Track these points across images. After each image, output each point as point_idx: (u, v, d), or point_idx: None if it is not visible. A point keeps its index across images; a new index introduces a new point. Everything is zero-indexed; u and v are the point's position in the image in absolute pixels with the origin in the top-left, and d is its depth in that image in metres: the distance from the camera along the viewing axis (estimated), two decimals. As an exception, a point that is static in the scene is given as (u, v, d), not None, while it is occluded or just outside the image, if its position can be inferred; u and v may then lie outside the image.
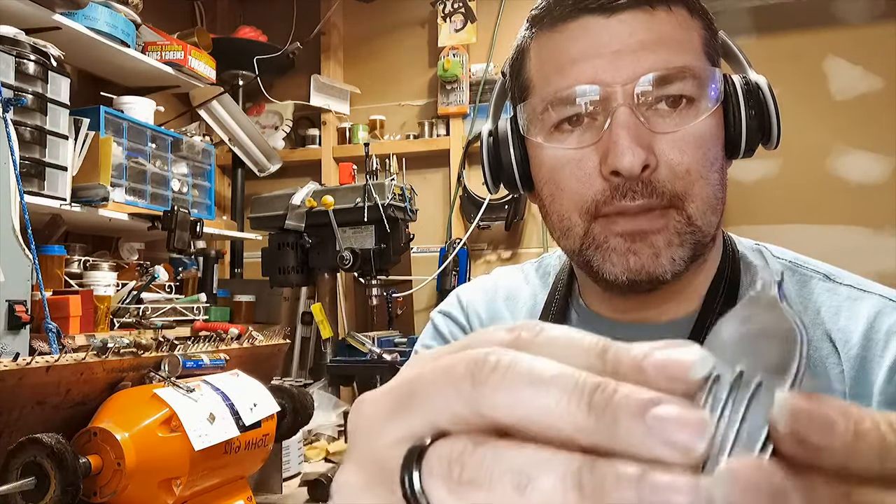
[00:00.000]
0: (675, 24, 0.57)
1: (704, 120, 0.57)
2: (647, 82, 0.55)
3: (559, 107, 0.58)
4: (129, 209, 1.88)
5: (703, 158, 0.57)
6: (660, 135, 0.56)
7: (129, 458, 1.02)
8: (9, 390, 0.97)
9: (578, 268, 0.66)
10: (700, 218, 0.57)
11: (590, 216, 0.58)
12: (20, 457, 0.95)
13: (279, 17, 2.77)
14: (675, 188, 0.56)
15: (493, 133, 0.67)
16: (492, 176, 0.68)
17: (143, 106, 2.04)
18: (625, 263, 0.57)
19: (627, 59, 0.56)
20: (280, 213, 2.16)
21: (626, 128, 0.54)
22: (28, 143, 1.55)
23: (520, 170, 0.65)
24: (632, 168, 0.54)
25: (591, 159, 0.57)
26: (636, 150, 0.54)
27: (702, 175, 0.57)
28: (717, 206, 0.59)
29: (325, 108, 2.66)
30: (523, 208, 2.41)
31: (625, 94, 0.55)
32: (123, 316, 1.79)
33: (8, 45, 1.53)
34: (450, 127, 2.57)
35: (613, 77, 0.55)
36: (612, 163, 0.54)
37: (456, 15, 2.55)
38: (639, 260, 0.56)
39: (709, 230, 0.58)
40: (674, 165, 0.56)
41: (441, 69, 2.52)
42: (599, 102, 0.56)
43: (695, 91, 0.56)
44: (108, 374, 1.14)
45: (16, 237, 1.39)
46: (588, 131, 0.57)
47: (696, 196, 0.57)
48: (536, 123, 0.61)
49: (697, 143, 0.56)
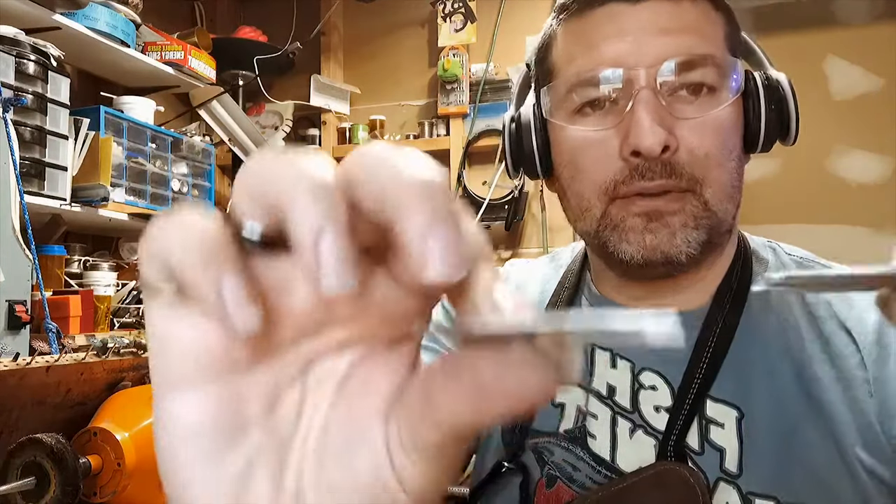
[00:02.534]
0: (700, 14, 0.58)
1: (724, 109, 0.57)
2: (669, 68, 0.56)
3: (582, 89, 0.59)
4: (129, 209, 1.88)
5: (723, 146, 0.57)
6: (681, 120, 0.56)
7: (129, 458, 1.02)
8: (9, 390, 0.97)
9: (593, 252, 0.67)
10: (716, 204, 0.57)
11: (608, 197, 0.58)
12: (20, 457, 0.95)
13: (279, 17, 2.77)
14: (694, 172, 0.56)
15: (515, 119, 0.68)
16: (513, 161, 0.68)
17: (143, 106, 2.04)
18: (641, 241, 0.57)
19: (651, 43, 0.56)
20: (280, 213, 2.16)
21: (647, 109, 0.55)
22: (28, 143, 1.55)
23: (541, 153, 0.65)
24: (652, 147, 0.54)
25: (613, 141, 0.58)
26: (657, 129, 0.54)
27: (720, 162, 0.57)
28: (734, 195, 0.59)
29: (325, 108, 2.66)
30: (523, 208, 2.41)
31: (648, 77, 0.56)
32: (123, 316, 1.79)
33: (8, 45, 1.53)
34: (450, 127, 2.57)
35: (637, 60, 0.56)
36: (632, 142, 0.55)
37: (456, 15, 2.55)
38: (654, 239, 0.57)
39: (725, 217, 0.59)
40: (693, 149, 0.56)
41: (441, 69, 2.52)
42: (622, 85, 0.57)
43: (716, 80, 0.57)
44: (108, 374, 1.14)
45: (16, 237, 1.39)
46: (610, 114, 0.58)
47: (714, 181, 0.57)
48: (559, 106, 0.61)
49: (717, 130, 0.57)
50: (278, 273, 0.21)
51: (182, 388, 0.21)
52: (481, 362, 0.20)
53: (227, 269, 0.19)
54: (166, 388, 0.21)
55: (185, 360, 0.21)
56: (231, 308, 0.19)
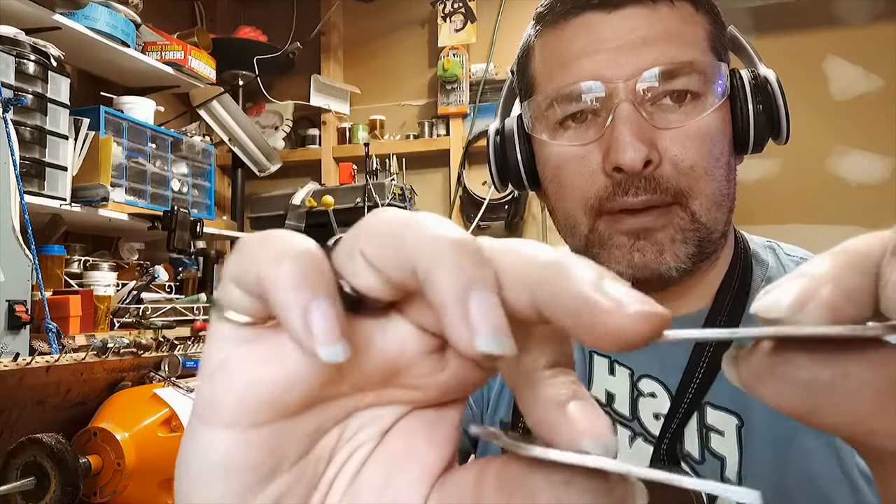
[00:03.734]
0: (679, 19, 0.57)
1: (710, 115, 0.56)
2: (649, 78, 0.55)
3: (562, 104, 0.58)
4: (129, 209, 1.88)
5: (709, 154, 0.56)
6: (663, 130, 0.55)
7: (129, 458, 1.02)
8: (9, 390, 0.97)
9: None
10: (705, 215, 0.56)
11: (594, 213, 0.58)
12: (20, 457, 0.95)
13: (279, 17, 2.77)
14: (680, 185, 0.55)
15: (499, 132, 0.67)
16: (499, 174, 0.68)
17: (143, 106, 2.04)
18: (629, 260, 0.56)
19: (629, 54, 0.55)
20: (280, 213, 2.16)
21: (627, 123, 0.54)
22: (28, 143, 1.55)
23: (526, 168, 0.64)
24: (633, 163, 0.53)
25: (595, 156, 0.57)
26: (637, 145, 0.53)
27: (707, 171, 0.56)
28: (724, 202, 0.58)
29: (325, 108, 2.66)
30: (523, 208, 2.41)
31: (627, 89, 0.55)
32: (123, 316, 1.79)
33: (8, 45, 1.53)
34: (450, 127, 2.57)
35: (615, 73, 0.55)
36: (613, 158, 0.54)
37: (456, 15, 2.55)
38: (643, 257, 0.56)
39: (715, 227, 0.57)
40: (678, 162, 0.55)
41: (441, 69, 2.52)
42: (602, 99, 0.56)
43: (699, 86, 0.56)
44: (108, 374, 1.14)
45: (16, 237, 1.40)
46: (591, 128, 0.57)
47: (701, 193, 0.56)
48: (541, 120, 0.61)
49: (702, 138, 0.56)
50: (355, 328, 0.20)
51: (231, 424, 0.20)
52: (538, 485, 0.18)
53: (323, 293, 0.18)
54: (213, 418, 0.20)
55: (245, 395, 0.20)
56: (321, 334, 0.18)
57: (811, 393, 0.18)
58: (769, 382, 0.19)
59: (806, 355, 0.18)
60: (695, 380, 0.57)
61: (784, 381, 0.18)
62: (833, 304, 0.17)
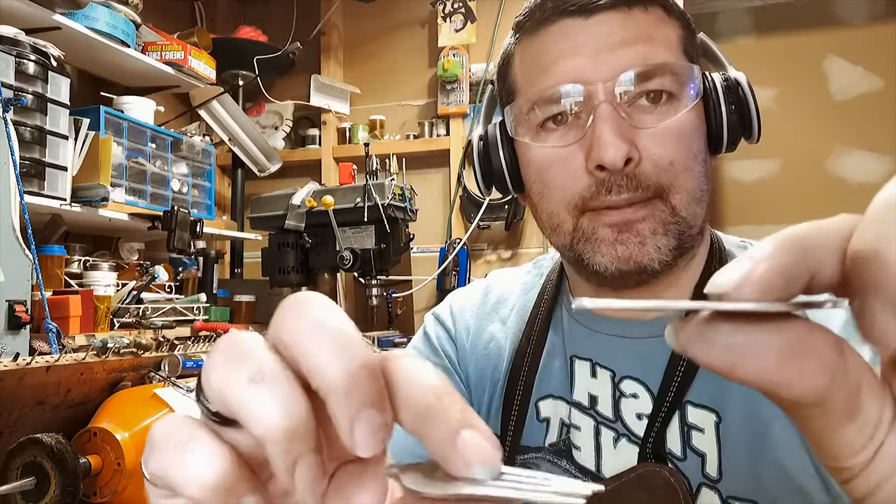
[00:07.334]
0: (652, 23, 0.59)
1: (685, 114, 0.58)
2: (627, 79, 0.56)
3: (543, 106, 0.60)
4: (129, 209, 1.88)
5: (687, 151, 0.58)
6: (641, 130, 0.57)
7: (129, 458, 1.02)
8: (9, 390, 0.97)
9: (570, 264, 0.67)
10: (684, 209, 0.58)
11: (578, 211, 0.59)
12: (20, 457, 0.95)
13: (279, 17, 2.77)
14: (660, 180, 0.57)
15: (483, 137, 0.69)
16: (484, 179, 0.70)
17: (143, 106, 2.04)
18: (613, 253, 0.58)
19: (607, 57, 0.57)
20: (280, 213, 2.15)
21: (608, 122, 0.56)
22: (28, 143, 1.55)
23: (510, 171, 0.66)
24: (615, 161, 0.55)
25: (577, 156, 0.58)
26: (618, 143, 0.55)
27: (686, 167, 0.58)
28: (702, 197, 0.60)
29: (325, 108, 2.66)
30: (523, 208, 2.41)
31: (606, 91, 0.56)
32: (123, 316, 1.79)
33: (8, 45, 1.53)
34: (450, 127, 2.57)
35: (594, 75, 0.57)
36: (595, 157, 0.56)
37: (456, 15, 2.55)
38: (626, 249, 0.57)
39: (694, 221, 0.59)
40: (657, 159, 0.57)
41: (441, 69, 2.52)
42: (582, 101, 0.58)
43: (674, 87, 0.58)
44: (108, 374, 1.14)
45: (16, 237, 1.39)
46: (572, 129, 0.59)
47: (681, 187, 0.58)
48: (523, 124, 0.62)
49: (680, 136, 0.58)
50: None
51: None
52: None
53: (310, 448, 0.23)
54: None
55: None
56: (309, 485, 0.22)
57: (730, 352, 0.22)
58: (699, 344, 0.22)
59: (728, 323, 0.22)
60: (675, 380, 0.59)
61: (710, 343, 0.22)
62: (768, 281, 0.21)
